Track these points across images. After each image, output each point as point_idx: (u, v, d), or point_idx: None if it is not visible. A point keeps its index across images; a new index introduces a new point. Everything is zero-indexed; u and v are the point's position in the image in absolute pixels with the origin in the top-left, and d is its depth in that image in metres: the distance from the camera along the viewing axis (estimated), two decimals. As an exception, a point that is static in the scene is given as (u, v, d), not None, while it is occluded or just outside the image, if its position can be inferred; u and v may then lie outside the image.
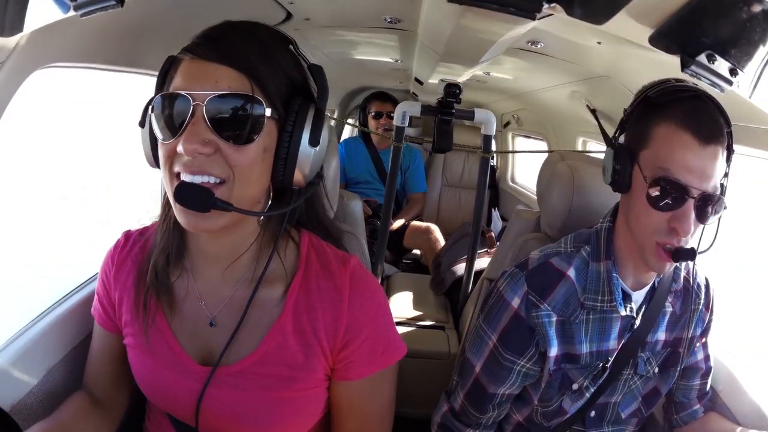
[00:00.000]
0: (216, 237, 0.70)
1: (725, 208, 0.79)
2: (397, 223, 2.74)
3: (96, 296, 0.81)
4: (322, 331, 0.71)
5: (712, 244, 0.82)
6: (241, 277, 0.73)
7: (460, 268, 1.92)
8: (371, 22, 1.45)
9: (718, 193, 0.78)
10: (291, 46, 0.68)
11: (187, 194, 0.60)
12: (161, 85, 0.66)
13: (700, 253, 0.81)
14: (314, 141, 0.65)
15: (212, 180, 0.61)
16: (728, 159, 0.80)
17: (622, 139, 0.89)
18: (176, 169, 0.62)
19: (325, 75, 0.68)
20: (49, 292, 1.00)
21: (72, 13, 0.59)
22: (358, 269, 0.75)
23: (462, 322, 1.74)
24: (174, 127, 0.61)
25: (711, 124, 0.76)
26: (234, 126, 0.61)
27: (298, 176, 0.66)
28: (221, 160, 0.61)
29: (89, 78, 0.93)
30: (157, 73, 0.67)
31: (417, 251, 2.82)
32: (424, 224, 2.80)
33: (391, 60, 2.18)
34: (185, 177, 0.61)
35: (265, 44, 0.65)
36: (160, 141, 0.63)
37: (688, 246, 0.79)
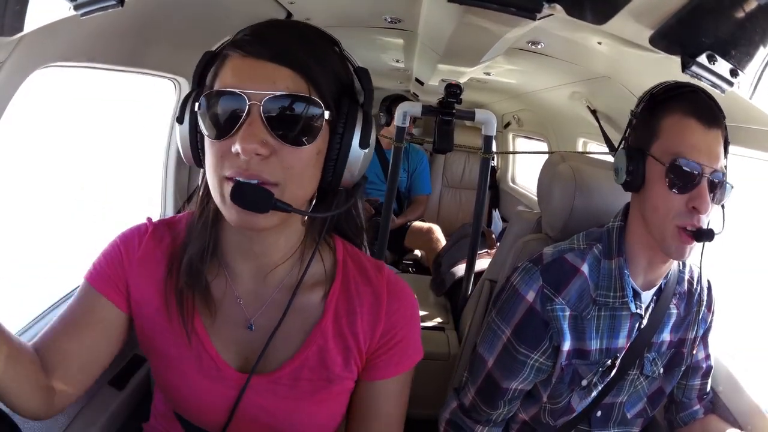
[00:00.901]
0: (263, 236, 0.68)
1: (732, 187, 0.85)
2: (399, 222, 2.74)
3: (102, 260, 0.72)
4: (360, 334, 0.71)
5: (723, 228, 0.85)
6: (282, 280, 0.72)
7: (461, 269, 1.92)
8: (372, 22, 1.46)
9: (725, 172, 0.83)
10: (336, 47, 0.67)
11: (245, 195, 0.58)
12: (200, 79, 0.64)
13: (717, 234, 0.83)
14: (365, 143, 0.65)
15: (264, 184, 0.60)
16: (725, 151, 0.84)
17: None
18: (227, 172, 0.59)
19: (370, 78, 0.67)
20: (49, 292, 1.00)
21: (72, 13, 0.59)
22: (393, 275, 0.76)
23: (462, 323, 1.74)
24: (227, 126, 0.59)
25: (711, 111, 0.83)
26: (291, 127, 0.59)
27: (347, 178, 0.66)
28: (276, 162, 0.59)
29: (82, 75, 0.93)
30: (156, 73, 0.66)
31: (418, 252, 2.82)
32: (425, 225, 2.80)
33: (391, 60, 2.18)
34: (239, 179, 0.59)
35: (315, 44, 0.63)
36: (209, 140, 0.61)
37: (706, 227, 0.82)
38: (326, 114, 0.61)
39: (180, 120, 0.65)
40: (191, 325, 0.70)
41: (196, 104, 0.62)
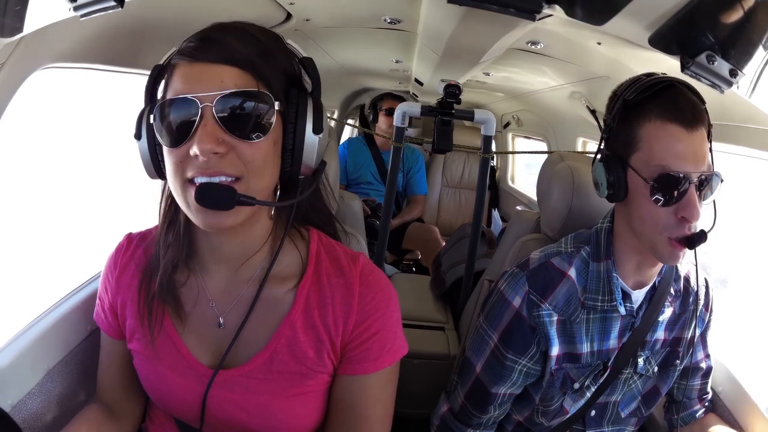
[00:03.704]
0: (231, 235, 0.70)
1: (722, 181, 0.80)
2: (396, 222, 2.74)
3: (98, 301, 0.80)
4: (332, 326, 0.71)
5: (714, 223, 0.82)
6: (253, 275, 0.73)
7: (460, 269, 1.92)
8: (371, 23, 1.46)
9: (712, 170, 0.79)
10: (281, 42, 0.69)
11: (209, 195, 0.60)
12: (152, 93, 0.65)
13: (708, 232, 0.80)
14: (318, 129, 0.67)
15: (228, 179, 0.61)
16: (709, 135, 0.80)
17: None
18: (189, 174, 0.61)
19: (316, 66, 0.69)
20: (49, 292, 0.99)
21: (72, 14, 0.59)
22: (368, 265, 0.76)
23: (462, 322, 1.74)
24: (182, 132, 0.60)
25: (691, 108, 0.77)
26: (245, 123, 0.61)
27: (306, 165, 0.68)
28: (234, 158, 0.61)
29: (80, 75, 0.93)
30: None
31: (417, 252, 2.82)
32: (424, 225, 2.80)
33: (391, 61, 2.18)
34: (201, 179, 0.60)
35: (259, 41, 0.65)
36: (167, 149, 0.63)
37: (698, 230, 0.79)
38: (276, 105, 0.63)
39: (138, 136, 0.66)
40: (160, 329, 0.73)
41: (151, 116, 0.63)
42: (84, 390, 0.91)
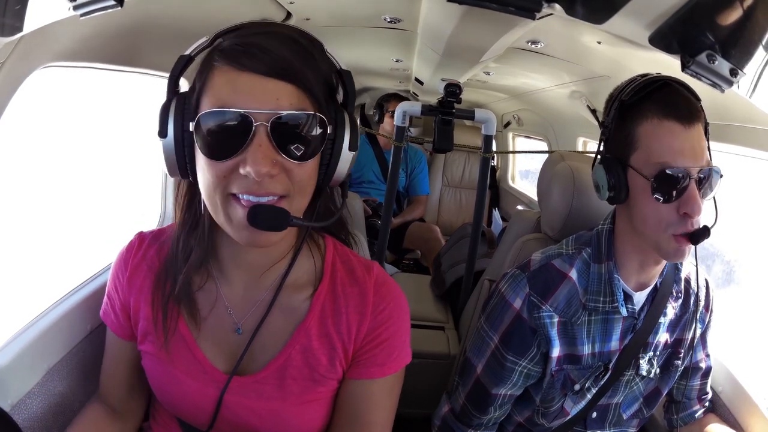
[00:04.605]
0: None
1: (721, 176, 0.80)
2: (397, 222, 2.74)
3: (107, 299, 0.79)
4: (345, 334, 0.72)
5: (716, 219, 0.82)
6: (273, 282, 0.73)
7: (461, 269, 1.92)
8: (371, 22, 1.45)
9: (711, 166, 0.79)
10: (323, 49, 0.66)
11: (263, 217, 0.59)
12: (176, 85, 0.63)
13: (710, 228, 0.80)
14: (353, 146, 0.65)
15: (274, 198, 0.60)
16: (706, 132, 0.80)
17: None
18: (233, 190, 0.59)
19: (353, 79, 0.67)
20: (49, 291, 1.00)
21: (72, 13, 0.59)
22: (382, 275, 0.76)
23: (462, 322, 1.74)
24: (230, 146, 0.57)
25: (687, 105, 0.78)
26: (299, 144, 0.59)
27: (337, 179, 0.67)
28: (284, 177, 0.60)
29: (79, 74, 0.92)
30: (155, 72, 0.66)
31: (418, 251, 2.82)
32: (424, 224, 2.80)
33: (391, 60, 2.18)
34: (249, 198, 0.59)
35: (309, 53, 0.61)
36: (207, 159, 0.59)
37: (701, 226, 0.79)
38: (330, 129, 0.62)
39: (163, 134, 0.61)
40: (175, 332, 0.72)
41: (191, 123, 0.59)
42: (84, 390, 0.91)
